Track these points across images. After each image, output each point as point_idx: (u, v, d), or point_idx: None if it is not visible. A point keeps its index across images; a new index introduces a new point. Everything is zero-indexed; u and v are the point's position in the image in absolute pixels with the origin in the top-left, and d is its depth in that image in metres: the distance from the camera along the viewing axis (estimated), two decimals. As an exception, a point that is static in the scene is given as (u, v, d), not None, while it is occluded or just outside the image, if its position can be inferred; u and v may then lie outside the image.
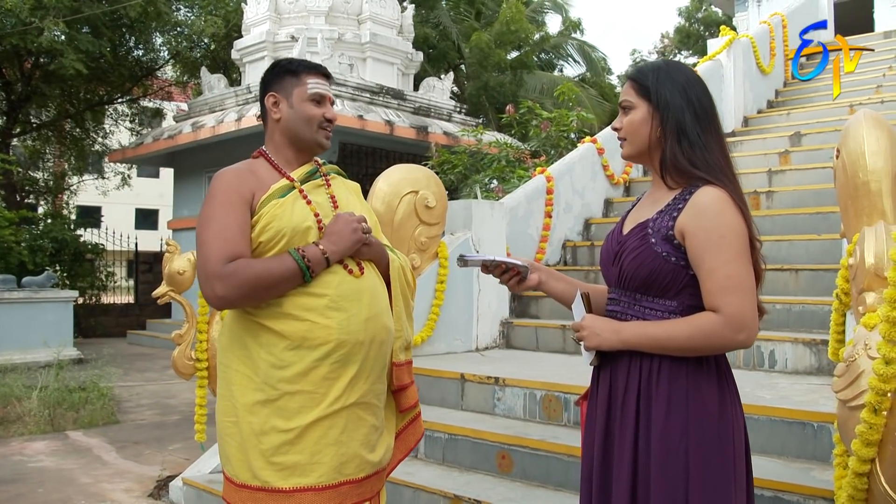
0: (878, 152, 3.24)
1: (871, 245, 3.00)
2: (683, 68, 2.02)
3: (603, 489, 1.93)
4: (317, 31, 12.03)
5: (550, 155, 10.27)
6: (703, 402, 1.82)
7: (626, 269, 1.91)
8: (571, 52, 23.83)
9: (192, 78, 16.96)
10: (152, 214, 36.94)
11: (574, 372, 4.57)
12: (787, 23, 10.39)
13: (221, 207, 2.13)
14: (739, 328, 1.77)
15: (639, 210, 2.03)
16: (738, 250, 1.80)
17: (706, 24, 26.84)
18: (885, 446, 2.23)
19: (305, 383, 2.09)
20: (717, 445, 1.81)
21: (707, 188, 1.85)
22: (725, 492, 1.81)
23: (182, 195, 13.60)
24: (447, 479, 3.82)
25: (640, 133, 1.96)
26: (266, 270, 2.05)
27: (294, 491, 2.07)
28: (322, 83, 2.29)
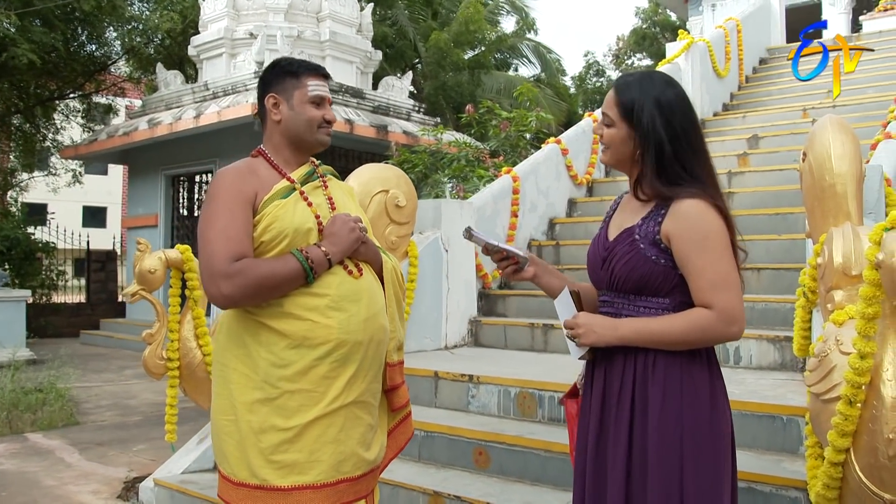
0: (844, 156, 3.36)
1: (839, 245, 3.12)
2: (665, 85, 2.02)
3: (597, 481, 1.99)
4: (276, 28, 11.94)
5: (509, 155, 10.37)
6: (696, 392, 1.90)
7: (618, 273, 1.98)
8: (527, 52, 24.02)
9: (145, 74, 16.68)
10: (100, 212, 36.21)
11: (546, 369, 4.64)
12: (742, 28, 10.64)
13: (225, 206, 2.14)
14: (731, 321, 1.87)
15: (621, 215, 2.10)
16: (722, 249, 1.89)
17: (662, 27, 27.28)
18: (860, 437, 2.34)
19: (305, 382, 2.12)
20: (710, 433, 1.90)
21: (686, 199, 1.92)
22: (717, 476, 1.90)
23: (137, 193, 13.39)
24: (425, 475, 3.86)
25: (621, 150, 2.03)
26: (271, 271, 2.08)
27: (292, 489, 2.09)
28: (322, 85, 2.31)
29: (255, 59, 11.38)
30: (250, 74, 11.27)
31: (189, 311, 4.53)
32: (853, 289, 3.07)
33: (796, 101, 9.14)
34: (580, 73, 29.68)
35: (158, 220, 12.80)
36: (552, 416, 4.08)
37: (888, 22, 11.62)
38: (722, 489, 1.90)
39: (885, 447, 2.22)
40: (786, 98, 9.50)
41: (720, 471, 1.90)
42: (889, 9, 11.83)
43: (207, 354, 4.49)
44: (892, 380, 2.22)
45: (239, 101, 10.65)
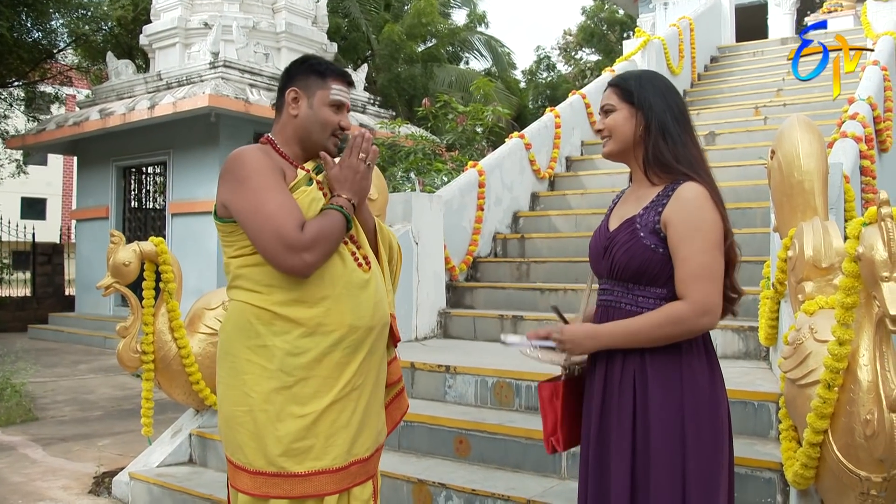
0: (811, 154, 3.53)
1: (809, 239, 3.29)
2: (660, 77, 2.22)
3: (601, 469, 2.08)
4: (231, 18, 11.81)
5: (465, 149, 10.46)
6: (695, 381, 2.01)
7: (618, 261, 2.08)
8: (479, 45, 24.12)
9: (93, 63, 16.30)
10: (39, 204, 35.16)
11: (520, 359, 4.74)
12: (695, 26, 10.92)
13: (270, 181, 2.16)
14: (703, 313, 1.97)
15: (622, 207, 2.20)
16: (711, 243, 2.00)
17: (609, 24, 27.65)
18: (838, 418, 2.49)
19: (320, 369, 2.16)
20: (709, 420, 2.01)
21: (689, 183, 2.04)
22: (717, 460, 2.02)
23: (87, 184, 13.09)
24: (406, 464, 3.93)
25: (624, 130, 2.14)
26: (332, 228, 2.16)
27: (309, 475, 2.14)
28: (345, 91, 2.34)
29: (210, 49, 11.23)
30: (205, 65, 11.13)
31: (163, 303, 4.52)
32: (823, 280, 3.24)
33: (747, 98, 9.43)
34: (530, 67, 29.91)
35: (109, 211, 12.55)
36: (529, 404, 4.19)
37: (833, 22, 12.02)
38: (721, 472, 2.02)
39: (862, 427, 2.37)
40: (737, 96, 9.78)
41: (719, 455, 2.02)
42: (832, 10, 12.25)
43: (183, 347, 4.48)
44: (867, 365, 2.37)
45: (195, 91, 10.51)
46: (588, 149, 8.65)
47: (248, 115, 10.82)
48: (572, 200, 7.44)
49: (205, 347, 4.61)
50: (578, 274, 6.18)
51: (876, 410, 2.31)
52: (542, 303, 5.96)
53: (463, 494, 3.53)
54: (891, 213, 2.14)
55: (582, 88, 9.24)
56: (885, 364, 2.30)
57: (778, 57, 11.30)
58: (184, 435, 4.63)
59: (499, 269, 6.68)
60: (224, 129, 11.03)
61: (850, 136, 4.84)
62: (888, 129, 5.93)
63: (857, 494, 2.50)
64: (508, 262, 6.67)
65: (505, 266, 6.66)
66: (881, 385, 2.29)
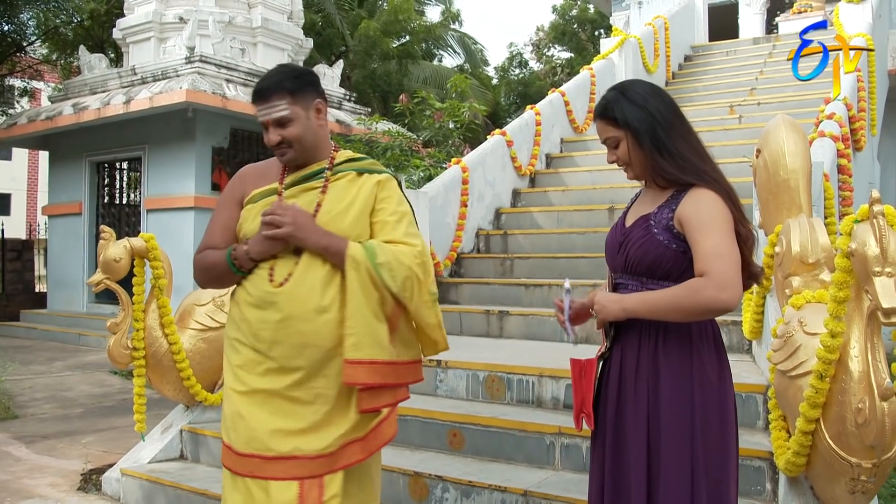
0: (797, 153, 3.65)
1: (796, 235, 3.40)
2: (637, 86, 2.27)
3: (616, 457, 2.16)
4: (207, 13, 11.72)
5: (442, 145, 10.52)
6: (704, 373, 2.10)
7: (632, 256, 2.17)
8: (452, 42, 24.17)
9: (62, 56, 16.09)
10: (4, 199, 34.56)
11: (509, 353, 4.83)
12: (669, 25, 11.08)
13: (219, 203, 2.55)
14: (723, 287, 2.01)
15: (639, 206, 2.29)
16: (723, 230, 2.08)
17: (580, 22, 27.84)
18: (830, 407, 2.59)
19: (237, 359, 2.38)
20: (717, 411, 2.11)
21: (700, 188, 2.13)
22: (725, 449, 2.11)
23: (59, 179, 12.92)
24: (401, 457, 3.98)
25: (638, 156, 2.21)
26: (212, 262, 2.42)
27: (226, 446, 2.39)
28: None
29: (185, 44, 11.15)
30: (181, 60, 11.05)
31: (154, 299, 4.52)
32: (809, 275, 3.36)
33: (721, 97, 9.59)
34: (503, 64, 30.03)
35: (83, 207, 12.41)
36: (521, 398, 4.27)
37: (804, 23, 12.22)
38: (729, 461, 2.11)
39: (853, 416, 2.47)
40: (711, 94, 9.94)
41: (727, 444, 2.11)
42: (803, 11, 12.48)
43: (174, 343, 4.49)
44: (858, 356, 2.48)
45: (171, 87, 10.43)
46: (567, 146, 8.76)
47: (225, 111, 10.77)
48: (553, 197, 7.53)
49: (195, 343, 4.63)
50: (562, 269, 6.27)
51: (867, 399, 2.41)
52: (527, 298, 6.04)
53: (460, 486, 3.60)
54: (882, 210, 2.24)
55: (554, 85, 9.34)
56: (875, 355, 2.41)
57: (750, 56, 11.51)
58: (174, 431, 4.64)
59: (482, 264, 6.75)
60: (201, 124, 10.97)
61: (828, 136, 4.99)
62: (862, 128, 6.10)
63: (847, 480, 2.61)
64: (492, 258, 6.75)
65: (488, 262, 6.74)
66: (872, 375, 2.40)
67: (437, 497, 3.66)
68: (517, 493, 3.45)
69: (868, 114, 6.90)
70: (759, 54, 11.44)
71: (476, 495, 3.56)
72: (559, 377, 4.19)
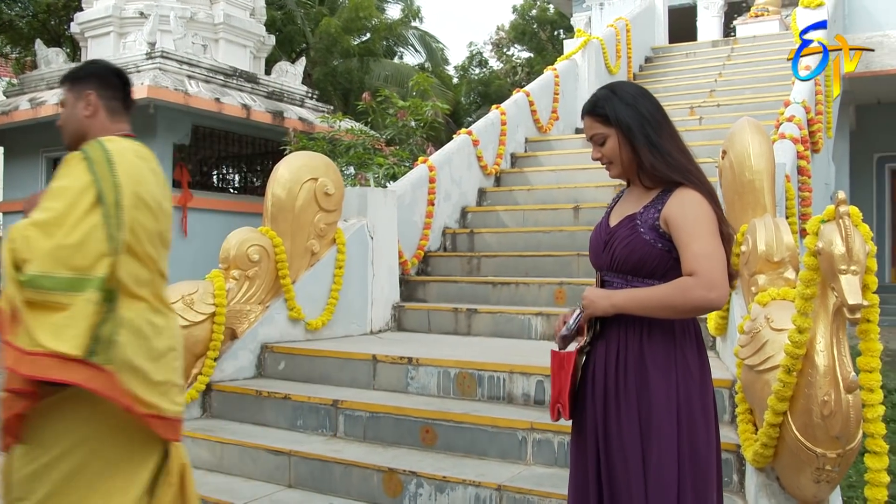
0: (761, 154, 3.76)
1: (762, 235, 3.51)
2: (628, 87, 2.34)
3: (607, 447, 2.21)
4: (168, 8, 11.56)
5: (404, 144, 10.54)
6: (687, 366, 2.18)
7: (618, 254, 2.23)
8: (413, 41, 24.17)
9: (14, 49, 15.74)
10: (-50, 195, 33.56)
11: (479, 350, 4.89)
12: (631, 27, 11.24)
13: None
14: (712, 287, 2.08)
15: (623, 206, 2.35)
16: (710, 231, 2.16)
17: (540, 22, 28.04)
18: (796, 400, 2.69)
19: None
20: (700, 405, 2.18)
21: (685, 188, 2.20)
22: (709, 442, 2.19)
23: (15, 176, 12.64)
24: (374, 454, 4.01)
25: (623, 154, 2.28)
26: None
27: None
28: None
29: (147, 39, 11.00)
30: (142, 56, 10.90)
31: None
32: (775, 273, 3.47)
33: (682, 99, 9.77)
34: (463, 63, 30.12)
35: (39, 204, 12.18)
36: (492, 394, 4.32)
37: (760, 27, 12.54)
38: (711, 452, 2.19)
39: (819, 408, 2.57)
40: (671, 96, 10.11)
41: (710, 435, 2.19)
42: (760, 15, 12.76)
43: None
44: (824, 350, 2.57)
45: (132, 82, 10.29)
46: (532, 146, 8.85)
47: (187, 108, 10.66)
48: (519, 196, 7.61)
49: (165, 342, 4.59)
50: (528, 268, 6.35)
51: (833, 392, 2.51)
52: (494, 296, 6.11)
53: (434, 481, 3.64)
54: (848, 211, 2.34)
55: (514, 85, 9.43)
56: (841, 350, 2.51)
57: (710, 59, 11.73)
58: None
59: (449, 263, 6.80)
60: (162, 120, 10.84)
61: (789, 138, 5.13)
62: (819, 130, 6.29)
63: (813, 470, 2.71)
64: (459, 257, 6.80)
65: (455, 260, 6.79)
66: (838, 369, 2.50)
67: (412, 493, 3.69)
68: (491, 488, 3.51)
69: (825, 116, 7.10)
70: (718, 57, 11.67)
71: (450, 490, 3.61)
72: (530, 373, 4.25)
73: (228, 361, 4.92)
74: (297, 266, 5.29)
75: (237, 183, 13.23)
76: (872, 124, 14.18)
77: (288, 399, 4.53)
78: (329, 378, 4.88)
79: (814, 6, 8.80)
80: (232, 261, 5.02)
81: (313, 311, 5.38)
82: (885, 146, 14.45)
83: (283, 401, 4.55)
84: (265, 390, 4.65)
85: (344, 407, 4.35)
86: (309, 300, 5.34)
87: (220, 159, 12.64)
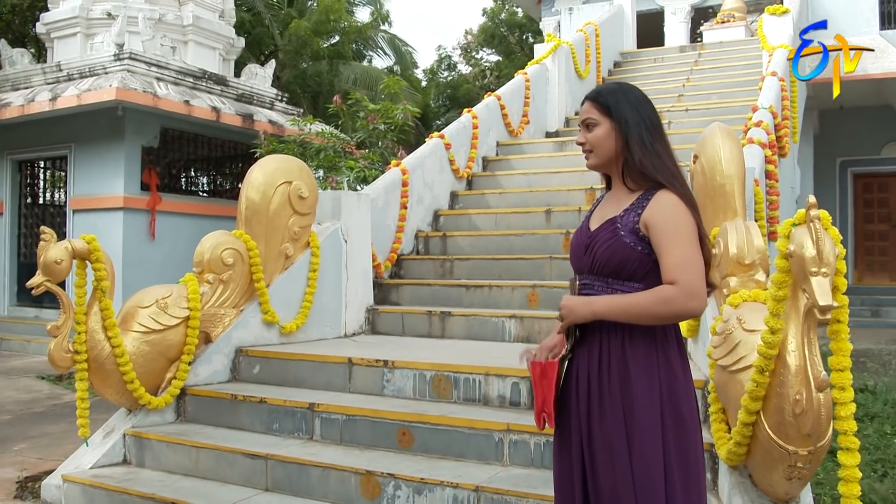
0: (732, 159, 3.84)
1: (733, 238, 3.58)
2: (633, 90, 2.42)
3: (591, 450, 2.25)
4: (136, 9, 11.47)
5: (375, 147, 10.55)
6: (670, 366, 2.23)
7: (599, 257, 2.27)
8: (382, 44, 24.17)
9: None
10: None
11: (453, 353, 4.92)
12: (600, 32, 11.36)
13: None
14: (692, 296, 2.15)
15: (603, 209, 2.40)
16: (690, 239, 2.22)
17: (509, 26, 28.17)
18: (769, 400, 2.76)
19: None
20: (686, 403, 2.24)
21: (665, 191, 2.25)
22: (694, 438, 2.25)
23: (-22, 178, 12.45)
24: (351, 457, 4.02)
25: (607, 145, 2.33)
26: None
27: None
28: None
29: (114, 41, 10.89)
30: (110, 57, 10.78)
31: (96, 302, 4.45)
32: (746, 276, 3.54)
33: (650, 103, 9.87)
34: (432, 66, 30.16)
35: (3, 207, 11.98)
36: (468, 396, 4.36)
37: (727, 33, 12.75)
38: (698, 449, 2.24)
39: (791, 407, 2.64)
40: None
41: (696, 433, 2.25)
42: (726, 21, 12.97)
43: (117, 346, 4.43)
44: (795, 351, 2.64)
45: (100, 84, 10.18)
46: (504, 149, 8.91)
47: (156, 110, 10.58)
48: (491, 199, 7.66)
49: (139, 346, 4.57)
50: (501, 270, 6.40)
51: (804, 391, 2.58)
52: (468, 299, 6.15)
53: (412, 483, 3.66)
54: (819, 215, 2.40)
55: (483, 88, 9.48)
56: (812, 350, 2.58)
57: (677, 64, 11.90)
58: (117, 435, 4.57)
59: (422, 266, 6.83)
60: (130, 123, 10.73)
61: (757, 143, 5.24)
62: (786, 135, 6.42)
63: (785, 467, 2.78)
64: (432, 260, 6.83)
65: (428, 263, 6.82)
66: (809, 368, 2.57)
67: (390, 495, 3.71)
68: (469, 489, 3.54)
69: (791, 122, 7.25)
70: (685, 62, 11.85)
71: (428, 492, 3.63)
72: (505, 375, 4.29)
73: (203, 365, 4.90)
74: (271, 269, 5.28)
75: (206, 186, 13.13)
76: (835, 129, 14.48)
77: (264, 403, 4.53)
78: (304, 381, 4.88)
79: (779, 13, 8.97)
80: (206, 264, 5.00)
81: (288, 315, 5.37)
82: (848, 150, 14.76)
83: (259, 404, 4.54)
84: (240, 394, 4.63)
85: (320, 410, 4.35)
86: (283, 304, 5.33)
87: (189, 162, 12.55)
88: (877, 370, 7.79)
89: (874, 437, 5.23)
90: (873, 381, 7.14)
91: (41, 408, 7.12)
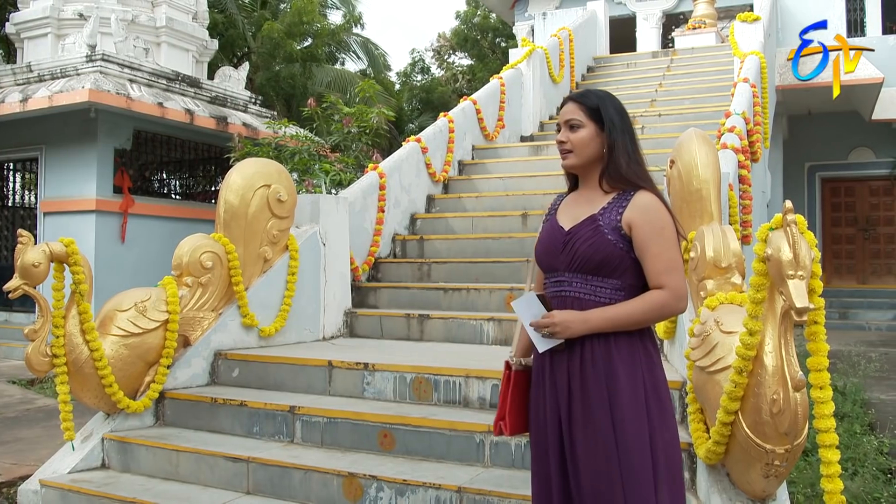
0: (708, 164, 3.92)
1: (710, 241, 3.65)
2: (616, 100, 2.49)
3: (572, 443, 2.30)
4: (108, 10, 11.36)
5: (349, 150, 10.55)
6: (650, 355, 2.33)
7: (580, 254, 2.32)
8: (355, 47, 24.14)
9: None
10: None
11: (433, 355, 4.95)
12: (574, 37, 11.47)
13: None
14: (680, 298, 2.30)
15: (573, 209, 2.45)
16: (674, 241, 2.32)
17: (482, 30, 28.28)
18: (747, 399, 2.82)
19: None
20: (665, 392, 2.34)
21: (645, 192, 2.33)
22: (674, 426, 2.34)
23: (-54, 180, 12.25)
24: (333, 459, 4.03)
25: (590, 147, 2.39)
26: None
27: None
28: None
29: (87, 41, 10.78)
30: (82, 58, 10.68)
31: (74, 305, 4.42)
32: (722, 278, 3.62)
33: (624, 108, 9.99)
34: (405, 70, 30.17)
35: (-29, 209, 11.82)
36: (448, 398, 4.39)
37: (698, 39, 12.93)
38: (676, 431, 2.33)
39: (768, 406, 2.71)
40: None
41: (672, 417, 2.35)
42: (697, 27, 13.14)
43: (95, 350, 4.40)
44: (772, 352, 2.71)
45: (72, 85, 10.08)
46: (479, 153, 8.96)
47: (129, 112, 10.48)
48: (467, 203, 7.71)
49: (117, 350, 4.55)
50: (479, 273, 6.44)
51: (781, 391, 2.65)
52: (445, 302, 6.18)
53: (394, 485, 3.69)
54: (795, 219, 2.47)
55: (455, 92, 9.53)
56: (789, 350, 2.65)
57: (650, 69, 12.05)
58: (95, 440, 4.54)
59: (400, 269, 6.85)
60: (103, 125, 10.64)
61: (731, 148, 5.33)
62: (758, 140, 6.54)
63: (762, 465, 2.85)
64: (409, 263, 6.86)
65: (406, 266, 6.84)
66: (786, 368, 2.64)
67: (372, 496, 3.73)
68: (451, 490, 3.57)
69: (762, 127, 7.38)
70: (658, 67, 11.99)
71: (411, 493, 3.66)
72: (485, 377, 4.33)
73: (182, 369, 4.88)
74: (249, 273, 5.28)
75: (180, 189, 13.04)
76: (804, 134, 14.74)
77: (244, 406, 4.52)
78: (284, 384, 4.88)
79: (750, 21, 9.13)
80: (185, 267, 4.98)
81: (266, 318, 5.37)
82: (816, 155, 15.02)
83: (240, 408, 4.53)
84: (220, 397, 4.63)
85: (301, 413, 4.36)
86: (262, 307, 5.33)
87: (162, 164, 12.45)
88: (846, 371, 7.94)
89: (844, 436, 5.35)
90: (842, 381, 7.28)
91: (13, 412, 7.04)
